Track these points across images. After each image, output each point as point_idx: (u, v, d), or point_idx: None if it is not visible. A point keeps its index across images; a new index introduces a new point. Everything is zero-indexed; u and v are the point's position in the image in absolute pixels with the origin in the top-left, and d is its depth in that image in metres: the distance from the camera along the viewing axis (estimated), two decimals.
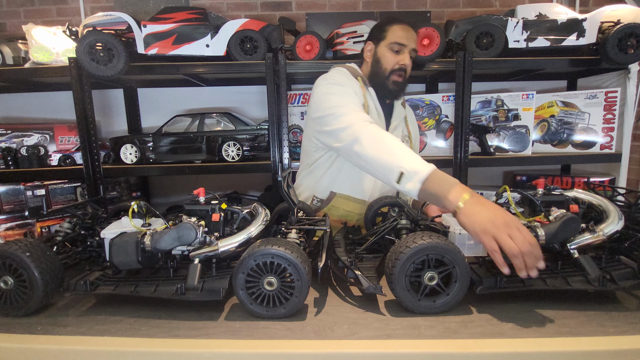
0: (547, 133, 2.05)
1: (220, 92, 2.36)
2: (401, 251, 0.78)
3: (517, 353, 0.67)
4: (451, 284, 0.80)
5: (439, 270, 0.79)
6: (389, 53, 1.39)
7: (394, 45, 1.37)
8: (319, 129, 1.34)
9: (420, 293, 0.80)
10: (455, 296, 0.80)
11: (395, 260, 0.78)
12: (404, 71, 1.40)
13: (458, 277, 0.79)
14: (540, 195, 0.92)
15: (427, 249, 0.77)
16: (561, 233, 0.82)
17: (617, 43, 1.72)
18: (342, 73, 1.43)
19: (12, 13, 2.33)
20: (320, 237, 0.98)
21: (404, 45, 1.38)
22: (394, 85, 1.41)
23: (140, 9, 2.28)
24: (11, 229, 1.84)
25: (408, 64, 1.39)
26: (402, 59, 1.38)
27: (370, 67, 1.45)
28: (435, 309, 0.80)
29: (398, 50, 1.38)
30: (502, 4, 2.32)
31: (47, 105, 2.32)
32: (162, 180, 2.48)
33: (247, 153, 1.88)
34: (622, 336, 0.70)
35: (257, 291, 0.78)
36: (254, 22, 1.77)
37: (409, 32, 1.39)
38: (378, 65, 1.41)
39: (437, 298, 0.80)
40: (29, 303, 0.80)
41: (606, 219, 0.90)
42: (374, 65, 1.43)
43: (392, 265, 0.79)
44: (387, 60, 1.39)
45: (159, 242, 0.83)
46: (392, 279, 0.79)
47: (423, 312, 0.80)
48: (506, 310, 0.81)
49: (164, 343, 0.72)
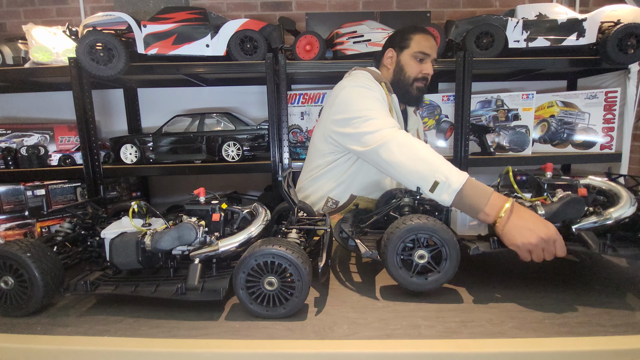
0: (547, 133, 2.06)
1: (220, 92, 2.36)
2: (391, 231, 0.84)
3: (517, 353, 0.67)
4: (442, 262, 0.84)
5: (429, 249, 0.83)
6: (413, 62, 1.41)
7: (419, 54, 1.40)
8: (340, 130, 1.30)
9: (412, 271, 0.84)
10: (446, 274, 0.84)
11: (387, 239, 0.84)
12: (426, 80, 1.44)
13: (448, 256, 0.83)
14: (547, 178, 0.94)
15: (415, 229, 0.82)
16: (562, 213, 0.84)
17: (617, 43, 1.72)
18: (368, 77, 1.40)
19: (12, 13, 2.33)
20: (321, 237, 0.98)
21: (428, 55, 1.41)
22: (417, 92, 1.45)
23: (140, 9, 2.28)
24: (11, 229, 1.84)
25: (431, 72, 1.43)
26: (426, 68, 1.42)
27: (392, 74, 1.46)
28: (426, 285, 0.84)
29: (422, 59, 1.41)
30: (502, 4, 2.32)
31: (47, 105, 2.32)
32: (162, 180, 2.48)
33: (247, 153, 1.88)
34: (622, 336, 0.70)
35: (258, 291, 0.78)
36: (254, 22, 1.77)
37: (432, 42, 1.42)
38: (402, 73, 1.44)
39: (428, 276, 0.84)
40: (29, 303, 0.80)
41: (617, 203, 0.89)
42: (397, 72, 1.45)
43: (385, 245, 0.84)
44: (412, 68, 1.42)
45: (159, 242, 0.83)
46: (385, 258, 0.84)
47: (415, 289, 0.85)
48: (506, 310, 0.81)
49: (164, 343, 0.72)
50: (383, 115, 1.22)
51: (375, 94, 1.32)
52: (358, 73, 1.44)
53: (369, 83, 1.36)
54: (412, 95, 1.46)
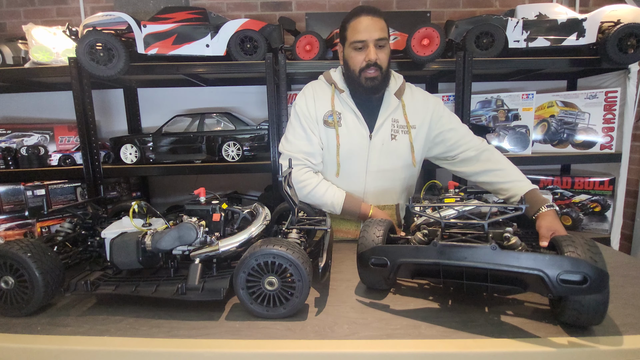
0: (547, 133, 2.06)
1: (220, 92, 2.36)
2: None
3: (517, 353, 0.67)
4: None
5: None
6: (354, 52, 1.33)
7: (356, 44, 1.31)
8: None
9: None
10: None
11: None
12: (375, 65, 1.31)
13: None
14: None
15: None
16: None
17: (617, 43, 1.72)
18: (313, 87, 1.45)
19: (12, 13, 2.33)
20: (321, 237, 0.98)
21: (364, 41, 1.30)
22: (368, 82, 1.33)
23: (140, 9, 2.28)
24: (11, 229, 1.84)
25: (374, 58, 1.30)
26: (367, 54, 1.30)
27: (344, 70, 1.41)
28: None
29: (361, 47, 1.31)
30: (502, 4, 2.32)
31: (47, 105, 2.32)
32: (162, 180, 2.48)
33: (247, 153, 1.88)
34: (622, 336, 0.70)
35: (258, 291, 0.78)
36: (254, 22, 1.77)
37: (368, 23, 1.29)
38: (348, 67, 1.37)
39: None
40: (30, 303, 0.80)
41: None
42: (346, 67, 1.38)
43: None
44: (354, 60, 1.33)
45: (159, 242, 0.83)
46: None
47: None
48: (506, 310, 0.81)
49: (164, 343, 0.72)
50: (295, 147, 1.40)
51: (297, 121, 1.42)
52: (309, 84, 1.48)
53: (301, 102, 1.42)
54: (364, 87, 1.35)
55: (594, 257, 0.68)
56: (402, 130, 1.41)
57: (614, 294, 0.86)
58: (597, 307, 0.68)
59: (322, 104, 1.41)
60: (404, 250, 0.80)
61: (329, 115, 1.40)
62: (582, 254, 0.69)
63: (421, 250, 0.78)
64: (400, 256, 0.79)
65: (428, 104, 1.45)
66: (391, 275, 0.82)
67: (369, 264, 0.83)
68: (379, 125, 1.39)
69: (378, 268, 0.83)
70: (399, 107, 1.42)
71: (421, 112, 1.43)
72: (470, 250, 0.72)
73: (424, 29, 1.75)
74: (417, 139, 1.42)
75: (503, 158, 1.39)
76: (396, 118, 1.41)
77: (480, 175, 1.39)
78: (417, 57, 1.76)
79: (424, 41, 1.77)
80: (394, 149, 1.40)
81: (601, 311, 0.69)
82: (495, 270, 0.70)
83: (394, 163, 1.42)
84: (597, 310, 0.69)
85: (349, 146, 1.39)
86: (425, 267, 0.82)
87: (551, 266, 0.66)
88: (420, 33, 1.75)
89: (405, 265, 0.81)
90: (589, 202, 2.06)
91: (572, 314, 0.71)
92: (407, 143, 1.41)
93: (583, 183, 2.07)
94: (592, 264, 0.66)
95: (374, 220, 0.96)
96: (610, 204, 2.01)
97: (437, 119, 1.44)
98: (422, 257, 0.77)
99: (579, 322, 0.71)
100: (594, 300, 0.68)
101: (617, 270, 1.01)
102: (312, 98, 1.42)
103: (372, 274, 0.90)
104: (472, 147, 1.41)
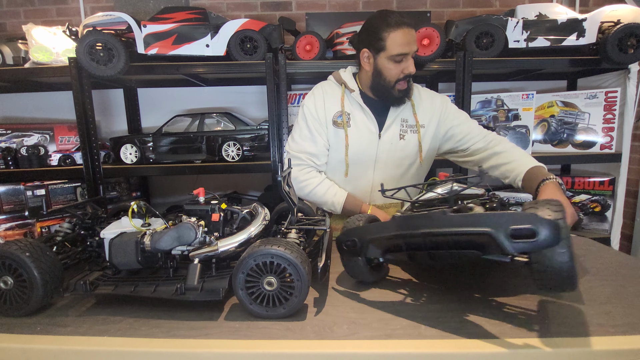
0: (547, 133, 2.06)
1: (220, 92, 2.36)
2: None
3: (517, 353, 0.67)
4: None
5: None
6: (392, 64, 1.29)
7: (397, 57, 1.28)
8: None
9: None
10: None
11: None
12: (409, 77, 1.33)
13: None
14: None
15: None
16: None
17: (617, 43, 1.73)
18: (323, 87, 1.44)
19: (12, 13, 2.34)
20: (320, 237, 0.98)
21: (407, 54, 1.28)
22: (400, 93, 1.35)
23: (140, 9, 2.28)
24: (11, 229, 1.84)
25: (413, 70, 1.31)
26: (407, 67, 1.30)
27: (371, 78, 1.36)
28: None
29: (401, 60, 1.29)
30: (502, 4, 2.32)
31: (47, 105, 2.32)
32: (162, 180, 2.48)
33: (247, 153, 1.88)
34: (622, 336, 0.70)
35: (257, 291, 0.78)
36: (253, 22, 1.77)
37: (409, 35, 1.27)
38: (381, 77, 1.33)
39: None
40: (29, 303, 0.80)
41: None
42: (376, 76, 1.34)
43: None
44: (391, 72, 1.31)
45: (158, 242, 0.82)
46: None
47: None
48: (506, 310, 0.81)
49: (163, 343, 0.71)
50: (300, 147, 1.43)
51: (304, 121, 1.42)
52: (318, 85, 1.47)
53: (309, 103, 1.42)
54: (395, 96, 1.35)
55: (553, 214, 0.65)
56: (410, 129, 1.42)
57: (614, 294, 0.86)
58: (561, 266, 0.65)
59: (331, 104, 1.41)
60: (370, 228, 0.85)
61: (339, 116, 1.40)
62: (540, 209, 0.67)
63: (383, 225, 0.83)
64: (366, 234, 0.84)
65: (435, 102, 1.46)
66: (363, 254, 0.86)
67: (342, 246, 0.88)
68: (388, 124, 1.40)
69: (352, 249, 0.87)
70: (407, 107, 1.43)
71: (429, 111, 1.44)
72: (423, 219, 0.74)
73: (424, 29, 1.75)
74: (426, 138, 1.43)
75: (508, 142, 1.38)
76: (405, 117, 1.42)
77: (487, 160, 1.37)
78: (417, 57, 1.76)
79: (424, 41, 1.77)
80: (402, 148, 1.41)
81: (566, 272, 0.65)
82: (448, 234, 0.70)
83: (402, 162, 1.43)
84: (562, 270, 0.65)
85: (357, 146, 1.40)
86: (391, 243, 0.83)
87: (498, 223, 0.64)
88: (420, 33, 1.75)
89: (374, 244, 0.84)
90: (589, 202, 2.06)
91: (539, 278, 0.68)
92: (415, 142, 1.42)
93: (583, 183, 2.07)
94: (540, 216, 0.63)
95: (355, 215, 0.99)
96: (610, 204, 2.01)
97: (445, 117, 1.44)
98: (384, 232, 0.81)
99: (549, 286, 0.68)
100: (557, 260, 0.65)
101: (617, 270, 1.01)
102: (321, 99, 1.42)
103: (355, 264, 0.91)
104: (481, 139, 1.41)
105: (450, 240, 0.73)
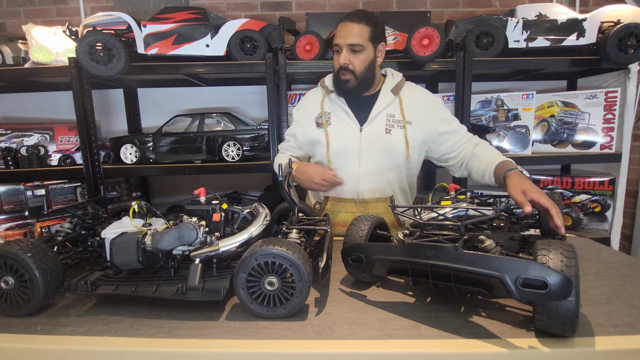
0: (547, 133, 2.06)
1: (220, 92, 2.36)
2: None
3: (517, 353, 0.67)
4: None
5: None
6: (335, 55, 1.42)
7: (335, 47, 1.40)
8: None
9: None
10: None
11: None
12: (347, 69, 1.37)
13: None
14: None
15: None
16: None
17: (617, 43, 1.73)
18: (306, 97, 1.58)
19: (12, 13, 2.33)
20: (321, 237, 0.98)
21: (338, 45, 1.37)
22: (342, 83, 1.40)
23: (140, 9, 2.28)
24: (11, 229, 1.84)
25: (342, 62, 1.36)
26: (340, 58, 1.38)
27: None
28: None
29: (338, 50, 1.39)
30: (502, 4, 2.32)
31: (47, 105, 2.32)
32: (162, 180, 2.48)
33: (247, 153, 1.88)
34: (622, 336, 0.70)
35: (258, 291, 0.78)
36: (254, 22, 1.77)
37: (344, 29, 1.36)
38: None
39: None
40: (30, 303, 0.80)
41: None
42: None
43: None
44: (334, 62, 1.42)
45: (159, 242, 0.83)
46: None
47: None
48: (506, 310, 0.81)
49: (164, 343, 0.72)
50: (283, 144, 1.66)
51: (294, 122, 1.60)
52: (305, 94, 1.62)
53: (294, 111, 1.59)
54: (341, 87, 1.42)
55: (566, 262, 0.65)
56: (398, 124, 1.43)
57: (614, 294, 0.87)
58: (565, 314, 0.65)
59: (313, 108, 1.51)
60: (377, 248, 0.84)
61: (319, 117, 1.48)
62: (552, 258, 0.66)
63: (392, 248, 0.83)
64: (373, 253, 0.84)
65: (428, 102, 1.47)
66: (367, 270, 0.87)
67: (349, 260, 0.89)
68: (371, 118, 1.43)
69: (357, 264, 0.88)
70: (395, 102, 1.44)
71: (420, 109, 1.45)
72: (434, 250, 0.74)
73: (424, 29, 1.75)
74: (413, 135, 1.43)
75: (487, 145, 1.42)
76: (392, 113, 1.43)
77: (467, 164, 1.42)
78: (417, 57, 1.76)
79: (424, 41, 1.77)
80: (388, 142, 1.42)
81: (569, 319, 0.65)
82: (457, 270, 0.70)
83: (389, 157, 1.44)
84: (565, 317, 0.65)
85: (339, 141, 1.44)
86: (398, 265, 0.84)
87: (510, 269, 0.64)
88: (420, 33, 1.75)
89: (380, 263, 0.85)
90: (589, 202, 2.06)
91: (541, 320, 0.68)
92: (402, 137, 1.42)
93: (583, 183, 2.07)
94: (553, 270, 0.63)
95: (361, 217, 1.00)
96: (610, 204, 2.01)
97: (438, 120, 1.45)
98: (392, 255, 0.82)
99: (549, 329, 0.68)
100: (562, 307, 0.65)
101: (617, 270, 1.01)
102: (304, 107, 1.55)
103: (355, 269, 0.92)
104: (469, 145, 1.44)
105: (459, 276, 0.73)
